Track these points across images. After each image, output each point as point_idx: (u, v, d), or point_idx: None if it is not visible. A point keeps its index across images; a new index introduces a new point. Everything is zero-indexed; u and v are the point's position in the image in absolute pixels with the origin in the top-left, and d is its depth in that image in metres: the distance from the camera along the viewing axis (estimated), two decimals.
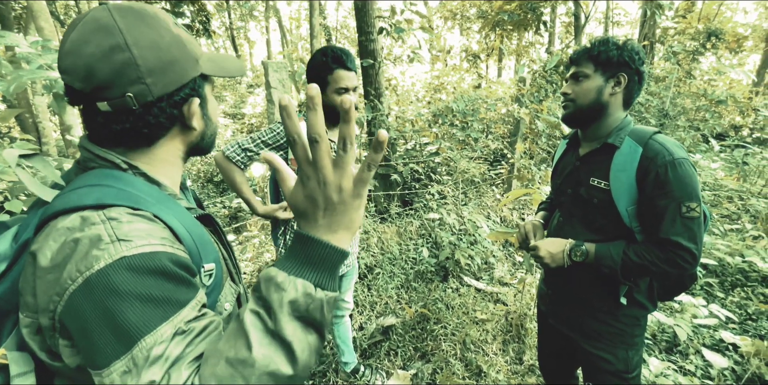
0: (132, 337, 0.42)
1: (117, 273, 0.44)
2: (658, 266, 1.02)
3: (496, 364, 2.03)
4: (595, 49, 1.08)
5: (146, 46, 0.53)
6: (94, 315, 0.43)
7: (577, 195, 1.17)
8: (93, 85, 0.52)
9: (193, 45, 0.60)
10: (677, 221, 1.00)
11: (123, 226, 0.48)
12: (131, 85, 0.53)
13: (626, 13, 16.22)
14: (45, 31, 3.58)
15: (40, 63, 1.36)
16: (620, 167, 1.07)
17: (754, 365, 1.89)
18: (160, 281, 0.46)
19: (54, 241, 0.48)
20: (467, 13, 15.29)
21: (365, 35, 3.49)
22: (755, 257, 2.84)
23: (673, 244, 1.00)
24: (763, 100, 7.92)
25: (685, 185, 0.99)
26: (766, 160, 4.83)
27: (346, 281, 1.76)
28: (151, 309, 0.44)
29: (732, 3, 17.03)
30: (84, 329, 0.44)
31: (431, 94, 7.18)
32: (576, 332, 1.25)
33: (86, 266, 0.45)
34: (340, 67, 1.37)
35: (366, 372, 1.98)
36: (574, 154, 1.25)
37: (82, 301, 0.44)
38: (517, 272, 3.01)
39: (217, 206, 4.95)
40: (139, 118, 0.56)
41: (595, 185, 1.12)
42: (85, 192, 0.52)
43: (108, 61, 0.51)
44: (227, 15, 15.73)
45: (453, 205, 3.57)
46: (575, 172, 1.21)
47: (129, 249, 0.46)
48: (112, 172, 0.56)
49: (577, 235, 1.18)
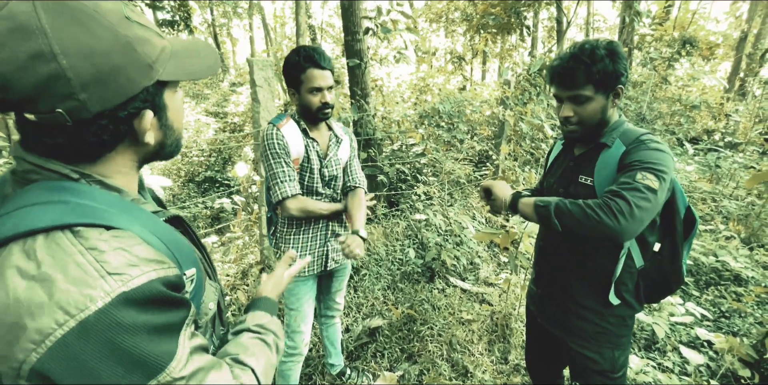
0: (155, 367, 0.43)
1: (119, 310, 0.42)
2: (592, 208, 0.96)
3: (482, 364, 2.04)
4: (593, 71, 1.01)
5: (79, 54, 0.43)
6: (100, 355, 0.41)
7: (567, 194, 1.18)
8: (13, 98, 0.43)
9: (148, 45, 0.50)
10: (627, 181, 0.97)
11: (107, 256, 0.44)
12: (61, 102, 0.44)
13: (605, 20, 16.70)
14: None
15: None
16: (603, 165, 1.09)
17: (728, 361, 1.96)
18: (161, 308, 0.46)
19: (8, 277, 0.41)
20: (452, 15, 15.43)
21: (351, 35, 3.47)
22: (728, 256, 2.95)
23: (613, 192, 0.97)
24: (733, 105, 8.27)
25: (647, 157, 1.00)
26: (737, 163, 5.04)
27: (337, 281, 1.72)
28: (163, 337, 0.45)
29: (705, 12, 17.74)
30: (84, 370, 0.41)
31: (417, 95, 7.21)
32: (563, 331, 1.26)
33: (77, 307, 0.40)
34: (313, 66, 1.35)
35: (352, 374, 1.96)
36: (569, 155, 1.25)
37: (77, 343, 0.40)
38: (502, 272, 3.05)
39: (199, 207, 4.83)
40: (75, 136, 0.47)
41: (582, 182, 1.14)
42: (38, 212, 0.44)
43: (29, 73, 0.42)
44: (209, 11, 15.43)
45: (439, 206, 3.59)
46: (567, 171, 1.22)
47: (125, 284, 0.43)
48: (62, 184, 0.48)
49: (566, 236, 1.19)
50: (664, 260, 1.16)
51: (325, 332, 1.87)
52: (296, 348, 1.60)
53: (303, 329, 1.57)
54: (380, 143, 3.76)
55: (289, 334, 1.58)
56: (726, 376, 1.96)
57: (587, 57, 1.02)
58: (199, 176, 5.75)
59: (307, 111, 1.43)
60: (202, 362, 0.49)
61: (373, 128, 3.53)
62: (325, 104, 1.41)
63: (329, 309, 1.80)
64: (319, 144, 1.51)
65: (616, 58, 1.02)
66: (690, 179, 4.82)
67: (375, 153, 3.60)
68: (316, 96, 1.39)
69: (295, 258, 0.94)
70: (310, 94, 1.39)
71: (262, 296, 0.82)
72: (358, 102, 3.49)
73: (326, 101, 1.41)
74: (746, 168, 5.01)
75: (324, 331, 1.87)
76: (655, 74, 7.75)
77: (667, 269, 1.17)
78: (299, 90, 1.40)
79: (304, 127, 1.47)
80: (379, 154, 3.67)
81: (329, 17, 18.21)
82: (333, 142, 1.56)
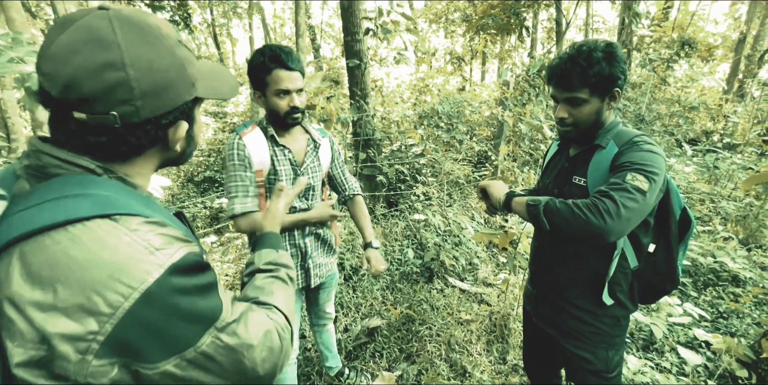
0: (211, 318, 0.53)
1: (173, 279, 0.50)
2: (579, 208, 0.96)
3: (481, 364, 2.04)
4: (589, 74, 1.00)
5: (144, 67, 0.51)
6: (166, 316, 0.49)
7: (562, 194, 1.18)
8: (74, 97, 0.49)
9: (192, 66, 0.58)
10: (616, 182, 0.97)
11: (148, 236, 0.50)
12: (119, 105, 0.50)
13: (604, 21, 16.71)
14: (16, 22, 3.43)
15: (10, 56, 1.30)
16: (597, 166, 1.09)
17: (726, 361, 1.97)
18: (201, 273, 0.55)
19: (60, 261, 0.45)
20: (451, 16, 15.45)
21: (351, 36, 3.47)
22: (726, 257, 2.96)
23: (602, 192, 0.97)
24: (732, 107, 8.29)
25: (638, 158, 1.00)
26: (735, 164, 5.05)
27: (324, 292, 1.70)
28: (210, 295, 0.55)
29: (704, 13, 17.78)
30: (154, 331, 0.48)
31: (416, 95, 7.22)
32: (557, 331, 1.27)
33: (138, 280, 0.47)
34: (279, 66, 1.24)
35: (351, 374, 1.96)
36: (564, 155, 1.26)
37: (147, 310, 0.47)
38: (500, 272, 3.05)
39: (198, 207, 4.83)
40: (119, 136, 0.53)
41: (576, 183, 1.14)
42: (73, 203, 0.48)
43: (98, 78, 0.48)
44: (209, 11, 15.43)
45: (438, 206, 3.60)
46: (562, 172, 1.22)
47: (171, 257, 0.51)
48: (87, 178, 0.52)
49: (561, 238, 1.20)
50: (659, 261, 1.17)
51: (319, 338, 1.86)
52: None
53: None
54: (379, 144, 3.77)
55: None
56: (723, 376, 1.97)
57: (584, 60, 1.00)
58: (199, 176, 5.75)
59: (275, 116, 1.33)
60: (242, 307, 0.60)
61: (372, 129, 3.54)
62: (294, 109, 1.30)
63: (320, 318, 1.79)
64: (293, 151, 1.40)
65: (613, 61, 1.00)
66: (688, 180, 4.83)
67: (374, 153, 3.60)
68: (283, 99, 1.29)
69: (283, 189, 0.96)
70: (276, 98, 1.29)
71: (264, 233, 0.88)
72: (358, 102, 3.50)
73: (295, 105, 1.30)
74: (745, 169, 5.02)
75: (318, 337, 1.86)
76: (654, 75, 7.77)
77: (662, 270, 1.17)
78: (265, 93, 1.30)
79: (272, 133, 1.35)
80: (379, 155, 3.68)
81: (329, 18, 18.23)
82: (310, 147, 1.45)
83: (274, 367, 0.60)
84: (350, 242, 3.07)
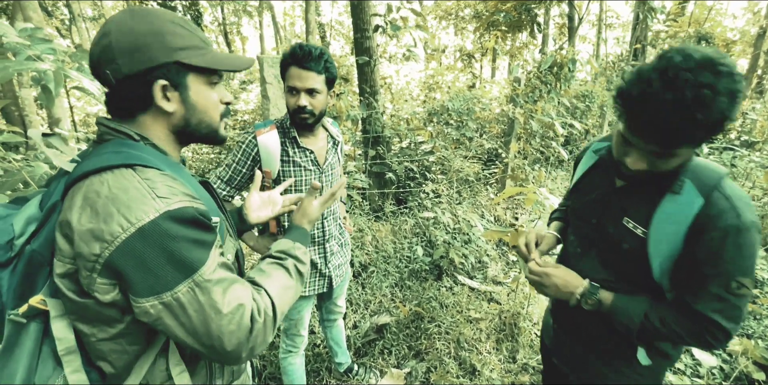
0: (191, 267, 0.59)
1: (166, 223, 0.58)
2: (682, 338, 0.84)
3: (490, 363, 2.03)
4: (705, 128, 0.70)
5: (123, 32, 0.64)
6: (154, 254, 0.57)
7: (603, 230, 0.96)
8: (91, 64, 0.66)
9: (175, 37, 0.67)
10: (723, 297, 0.80)
11: (156, 183, 0.61)
12: (108, 64, 0.64)
13: (618, 16, 16.40)
14: (33, 21, 3.49)
15: (28, 54, 1.32)
16: (669, 218, 0.83)
17: (742, 363, 1.93)
18: (196, 228, 0.62)
19: (87, 193, 0.58)
20: (462, 13, 15.31)
21: (361, 32, 3.46)
22: None
23: (709, 320, 0.81)
24: (750, 104, 8.08)
25: (743, 258, 0.79)
26: (753, 162, 4.92)
27: (338, 288, 1.71)
28: (197, 248, 0.61)
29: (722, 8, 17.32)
30: (142, 266, 0.57)
31: (426, 93, 7.18)
32: (583, 377, 1.08)
33: (136, 217, 0.57)
34: (294, 63, 1.25)
35: (360, 371, 1.97)
36: (609, 180, 0.98)
37: (139, 245, 0.57)
38: (510, 271, 3.03)
39: None
40: (116, 92, 0.67)
41: (629, 228, 0.90)
42: (110, 156, 0.62)
43: (98, 45, 0.65)
44: (220, 10, 15.54)
45: (447, 204, 3.58)
46: (606, 202, 0.97)
47: (169, 205, 0.59)
48: (127, 142, 0.66)
49: (592, 271, 0.98)
50: None
51: (329, 333, 1.87)
52: (296, 347, 1.62)
53: (302, 333, 1.60)
54: (389, 141, 3.76)
55: (288, 335, 1.61)
56: (740, 379, 1.93)
57: (703, 111, 0.68)
58: (210, 173, 5.80)
59: (289, 114, 1.34)
60: (227, 275, 0.64)
61: (381, 126, 3.53)
62: (300, 108, 1.28)
63: (331, 313, 1.80)
64: (315, 152, 1.40)
65: (736, 97, 0.69)
66: None
67: (383, 151, 3.60)
68: (292, 97, 1.28)
69: (318, 188, 0.95)
70: (288, 94, 1.29)
71: (292, 225, 0.92)
72: (367, 99, 3.49)
73: (301, 105, 1.27)
74: (763, 167, 4.89)
75: (328, 333, 1.87)
76: None
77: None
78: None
79: (294, 135, 1.35)
80: (388, 152, 3.67)
81: (339, 15, 18.21)
82: (330, 145, 1.47)
83: (240, 347, 0.62)
84: (359, 239, 3.08)
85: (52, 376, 0.63)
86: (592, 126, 5.99)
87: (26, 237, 0.64)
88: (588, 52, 9.46)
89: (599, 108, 5.83)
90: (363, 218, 3.31)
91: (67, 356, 0.63)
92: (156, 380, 0.68)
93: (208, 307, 0.59)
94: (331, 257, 1.54)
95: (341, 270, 1.61)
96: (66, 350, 0.63)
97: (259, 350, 0.64)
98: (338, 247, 1.59)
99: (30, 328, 0.63)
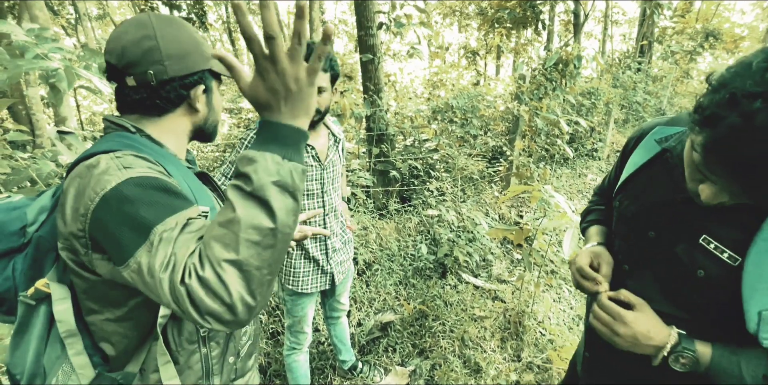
0: (147, 227, 0.55)
1: (127, 188, 0.57)
2: None
3: (495, 361, 2.03)
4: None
5: (168, 38, 0.70)
6: (115, 220, 0.56)
7: (667, 248, 0.74)
8: (124, 62, 0.69)
9: (205, 46, 0.76)
10: None
11: (127, 159, 0.62)
12: (152, 65, 0.69)
13: (624, 13, 16.23)
14: (39, 20, 3.51)
15: (36, 52, 1.33)
16: None
17: None
18: (161, 193, 0.59)
19: (76, 178, 0.62)
20: (466, 10, 15.22)
21: (365, 30, 3.45)
22: None
23: None
24: None
25: None
26: None
27: (341, 285, 1.72)
28: (158, 208, 0.57)
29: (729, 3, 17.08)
30: (110, 234, 0.57)
31: (430, 90, 7.16)
32: None
33: (101, 187, 0.58)
34: None
35: (364, 369, 1.98)
36: (678, 183, 0.73)
37: (103, 213, 0.57)
38: (515, 269, 3.02)
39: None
40: (154, 91, 0.71)
41: (711, 251, 0.67)
42: (100, 145, 0.66)
43: (139, 46, 0.68)
44: (224, 8, 15.54)
45: (451, 202, 3.57)
46: (675, 211, 0.74)
47: (133, 172, 0.59)
48: (122, 133, 0.70)
49: (644, 298, 0.75)
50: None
51: (332, 331, 1.87)
52: (300, 344, 1.63)
53: (306, 330, 1.62)
54: (393, 139, 3.75)
55: (292, 332, 1.62)
56: None
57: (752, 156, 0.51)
58: (214, 171, 5.82)
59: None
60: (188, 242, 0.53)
61: (385, 124, 3.52)
62: None
63: (334, 310, 1.81)
64: (317, 148, 1.43)
65: None
66: None
67: (387, 149, 3.59)
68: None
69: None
70: None
71: (269, 121, 0.53)
72: (371, 97, 3.48)
73: None
74: None
75: (332, 330, 1.87)
76: (676, 68, 7.53)
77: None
78: None
79: None
80: (392, 150, 3.66)
81: (342, 13, 18.18)
82: (332, 142, 1.49)
83: (194, 311, 0.49)
84: (363, 237, 3.08)
85: (60, 357, 0.67)
86: (597, 123, 5.94)
87: (38, 225, 0.69)
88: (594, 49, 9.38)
89: (605, 105, 5.78)
90: (367, 215, 3.31)
91: (69, 338, 0.66)
92: (150, 368, 0.70)
93: (156, 268, 0.52)
94: (333, 254, 1.55)
95: (343, 267, 1.62)
96: (67, 332, 0.66)
97: (222, 313, 0.48)
98: (341, 244, 1.59)
99: (40, 310, 0.67)
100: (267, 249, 0.50)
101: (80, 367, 0.66)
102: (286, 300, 1.56)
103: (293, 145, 0.52)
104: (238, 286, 0.48)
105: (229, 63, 0.49)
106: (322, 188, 1.46)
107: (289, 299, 1.55)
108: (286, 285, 1.51)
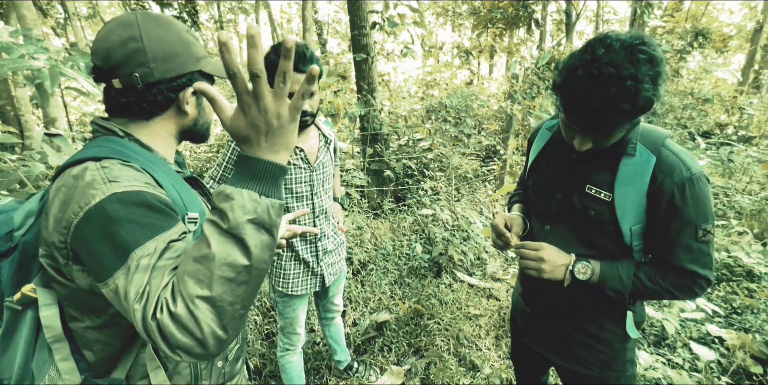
0: (126, 251, 0.54)
1: (110, 205, 0.56)
2: (671, 293, 0.92)
3: (489, 359, 2.04)
4: (634, 114, 0.78)
5: (155, 40, 0.67)
6: (97, 239, 0.55)
7: (569, 203, 0.99)
8: (109, 64, 0.66)
9: (196, 47, 0.73)
10: (693, 247, 0.88)
11: (113, 171, 0.60)
12: (138, 67, 0.66)
13: (615, 12, 16.38)
14: (27, 19, 3.46)
15: (21, 52, 1.31)
16: (629, 179, 0.89)
17: (739, 357, 1.94)
18: (145, 210, 0.57)
19: (62, 187, 0.60)
20: (459, 9, 15.26)
21: (358, 29, 3.45)
22: (740, 252, 2.90)
23: (689, 272, 0.90)
24: (747, 98, 8.09)
25: (702, 206, 0.86)
26: (750, 157, 4.94)
27: (334, 286, 1.71)
28: (139, 230, 0.55)
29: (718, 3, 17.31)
30: (91, 251, 0.56)
31: (424, 90, 7.16)
32: (559, 356, 1.12)
33: (85, 202, 0.56)
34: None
35: (360, 368, 1.98)
36: (566, 154, 1.01)
37: (85, 229, 0.56)
38: (509, 267, 3.03)
39: None
40: (140, 94, 0.68)
41: (593, 195, 0.93)
42: (86, 150, 0.65)
43: (124, 47, 0.66)
44: (216, 7, 15.44)
45: (446, 201, 3.58)
46: (566, 173, 1.00)
47: (118, 187, 0.58)
48: (110, 138, 0.69)
49: (566, 246, 1.00)
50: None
51: (327, 331, 1.87)
52: (293, 345, 1.63)
53: (299, 331, 1.61)
54: (387, 138, 3.75)
55: (285, 334, 1.61)
56: (737, 373, 1.94)
57: (629, 101, 0.74)
58: (207, 171, 5.78)
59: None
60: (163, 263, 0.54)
61: (379, 123, 3.52)
62: (303, 112, 1.29)
63: (328, 311, 1.80)
64: (306, 150, 1.40)
65: (659, 82, 0.76)
66: None
67: (382, 148, 3.59)
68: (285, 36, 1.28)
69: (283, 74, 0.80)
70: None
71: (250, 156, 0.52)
72: (365, 97, 3.48)
73: (305, 110, 1.28)
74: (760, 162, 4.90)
75: (326, 331, 1.87)
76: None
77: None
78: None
79: None
80: (386, 150, 3.66)
81: (335, 13, 18.12)
82: (322, 143, 1.47)
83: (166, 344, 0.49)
84: (358, 237, 3.08)
85: (47, 362, 0.67)
86: None
87: (25, 229, 0.68)
88: None
89: None
90: (362, 215, 3.31)
91: (56, 344, 0.66)
92: (137, 376, 0.69)
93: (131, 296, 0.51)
94: (324, 256, 1.54)
95: (334, 269, 1.61)
96: (53, 337, 0.66)
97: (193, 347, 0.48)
98: (333, 246, 1.59)
99: (26, 315, 0.67)
100: (241, 285, 0.50)
101: (66, 372, 0.66)
102: (278, 302, 1.55)
103: (271, 180, 0.52)
104: (210, 321, 0.48)
105: (212, 96, 0.50)
106: (311, 190, 1.44)
107: (281, 300, 1.54)
108: (277, 287, 1.50)
